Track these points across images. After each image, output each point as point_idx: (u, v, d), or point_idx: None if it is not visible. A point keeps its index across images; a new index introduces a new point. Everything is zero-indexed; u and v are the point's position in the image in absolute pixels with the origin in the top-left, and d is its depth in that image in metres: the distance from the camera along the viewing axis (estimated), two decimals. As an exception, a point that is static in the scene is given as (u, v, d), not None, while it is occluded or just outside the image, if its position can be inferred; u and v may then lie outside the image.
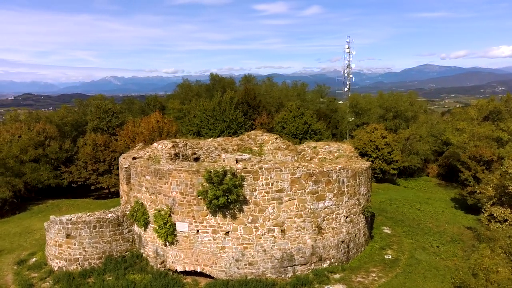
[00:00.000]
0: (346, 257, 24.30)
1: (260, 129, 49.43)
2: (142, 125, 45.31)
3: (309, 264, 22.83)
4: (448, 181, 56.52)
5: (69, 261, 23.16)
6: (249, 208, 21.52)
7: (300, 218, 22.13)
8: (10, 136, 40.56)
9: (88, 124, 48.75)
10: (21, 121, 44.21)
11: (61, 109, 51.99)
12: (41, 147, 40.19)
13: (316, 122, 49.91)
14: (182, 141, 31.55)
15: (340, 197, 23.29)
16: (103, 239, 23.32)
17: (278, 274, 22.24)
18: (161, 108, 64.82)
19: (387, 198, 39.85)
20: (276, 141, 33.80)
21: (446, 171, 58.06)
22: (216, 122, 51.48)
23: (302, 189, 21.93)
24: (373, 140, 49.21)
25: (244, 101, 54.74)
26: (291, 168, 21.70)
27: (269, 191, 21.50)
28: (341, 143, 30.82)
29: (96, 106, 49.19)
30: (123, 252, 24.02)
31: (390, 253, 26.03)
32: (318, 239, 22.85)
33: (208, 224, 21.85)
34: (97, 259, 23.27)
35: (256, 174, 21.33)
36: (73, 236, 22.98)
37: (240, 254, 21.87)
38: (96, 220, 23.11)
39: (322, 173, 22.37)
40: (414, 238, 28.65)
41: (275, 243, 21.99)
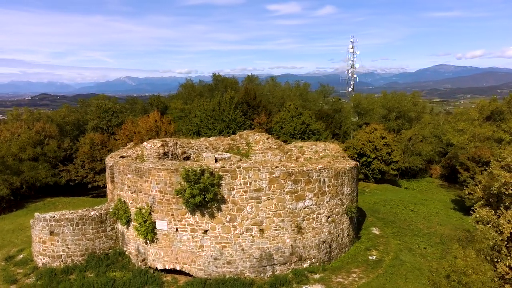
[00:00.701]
0: (328, 257, 24.19)
1: (258, 129, 49.53)
2: (140, 125, 45.72)
3: (288, 263, 22.78)
4: (450, 182, 55.79)
5: (53, 257, 23.53)
6: (227, 207, 21.58)
7: (279, 217, 22.11)
8: (10, 135, 41.35)
9: (89, 124, 49.41)
10: (22, 120, 45.00)
11: (63, 109, 52.82)
12: (39, 146, 40.86)
13: (315, 122, 49.68)
14: (172, 140, 31.75)
15: (321, 197, 23.19)
16: (85, 237, 23.63)
17: (257, 273, 22.25)
18: (164, 108, 65.31)
19: (382, 199, 39.50)
20: (268, 140, 33.83)
21: (449, 172, 57.28)
22: (215, 122, 51.67)
23: (281, 189, 21.90)
24: (372, 140, 48.80)
25: (243, 101, 54.80)
26: (270, 168, 21.69)
27: (247, 190, 21.53)
28: (329, 143, 30.69)
29: (97, 106, 49.84)
30: (106, 249, 24.31)
31: (374, 254, 25.82)
32: (298, 239, 22.79)
33: (187, 223, 21.97)
34: (79, 256, 23.59)
35: (234, 173, 21.38)
36: (56, 233, 23.34)
37: (218, 253, 21.94)
38: (79, 218, 23.42)
39: (302, 172, 22.31)
40: (402, 239, 28.37)
41: (253, 242, 22.00)
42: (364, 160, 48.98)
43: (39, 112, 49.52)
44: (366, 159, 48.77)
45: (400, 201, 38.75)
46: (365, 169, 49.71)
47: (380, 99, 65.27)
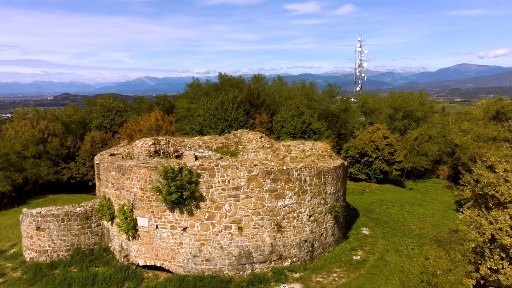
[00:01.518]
0: (310, 256, 24.11)
1: (260, 128, 49.68)
2: (142, 123, 46.34)
3: (268, 262, 22.80)
4: (457, 183, 54.70)
5: (39, 252, 24.11)
6: (205, 205, 21.73)
7: (258, 215, 22.15)
8: (14, 133, 42.46)
9: (93, 122, 50.31)
10: (27, 118, 46.13)
11: (68, 108, 53.90)
12: (42, 144, 41.82)
13: (316, 122, 49.44)
14: (164, 138, 32.10)
15: (302, 196, 23.12)
16: (71, 232, 24.13)
17: (235, 271, 22.34)
18: (171, 107, 65.94)
19: (380, 199, 39.09)
20: (261, 139, 33.84)
21: (456, 173, 56.19)
22: (217, 121, 51.95)
23: (260, 187, 21.94)
24: (374, 140, 48.29)
25: (246, 100, 54.94)
26: (248, 166, 21.74)
27: (225, 188, 21.64)
28: (319, 142, 30.55)
29: (101, 105, 50.69)
30: (91, 245, 24.77)
31: (360, 254, 25.60)
32: (278, 237, 22.78)
33: (166, 220, 22.22)
34: (65, 251, 24.11)
35: (212, 171, 21.52)
36: (43, 228, 23.91)
37: (197, 250, 22.12)
38: (64, 214, 23.94)
39: (281, 171, 22.29)
40: (391, 240, 28.02)
41: (232, 240, 22.10)
42: (365, 160, 48.55)
43: (46, 110, 50.59)
44: (368, 159, 48.30)
45: (397, 202, 38.27)
46: (367, 169, 49.25)
47: (386, 99, 64.48)
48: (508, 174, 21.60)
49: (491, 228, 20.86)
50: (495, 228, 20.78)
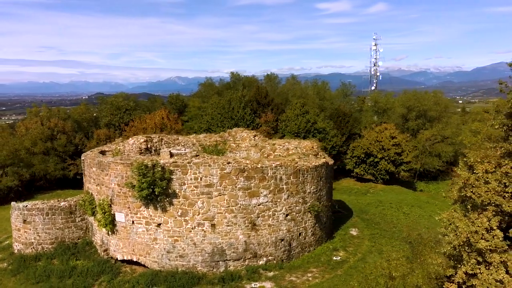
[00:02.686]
0: (287, 255, 23.96)
1: (265, 127, 49.67)
2: (147, 122, 47.21)
3: (242, 260, 22.81)
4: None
5: (25, 244, 25.03)
6: (178, 202, 21.97)
7: (231, 213, 22.19)
8: (25, 130, 44.15)
9: (102, 120, 51.66)
10: (39, 116, 47.85)
11: (81, 106, 55.56)
12: (50, 141, 43.29)
13: (321, 121, 48.90)
14: (157, 136, 32.64)
15: (278, 194, 23.00)
16: (55, 226, 24.93)
17: (209, 268, 22.48)
18: (183, 106, 66.82)
19: (379, 200, 38.34)
20: (254, 138, 33.85)
21: (470, 175, 54.29)
22: (224, 120, 52.30)
23: (233, 185, 21.98)
24: (380, 140, 47.33)
25: (254, 99, 55.00)
26: (221, 164, 21.83)
27: (198, 186, 21.81)
28: (305, 140, 30.23)
29: (110, 103, 51.99)
30: (75, 239, 25.51)
31: (341, 254, 25.22)
32: (252, 236, 22.75)
33: (141, 216, 22.60)
34: (49, 244, 24.92)
35: (185, 168, 21.73)
36: (29, 221, 24.81)
37: (171, 246, 22.40)
38: (49, 208, 24.75)
39: (255, 169, 22.26)
40: (378, 241, 27.44)
41: (205, 237, 22.24)
42: (371, 160, 47.65)
43: (59, 109, 52.32)
44: (373, 159, 47.39)
45: (397, 203, 37.41)
46: (373, 169, 48.34)
47: (400, 98, 63.03)
48: (488, 175, 20.78)
49: (466, 230, 20.13)
50: (471, 231, 20.04)
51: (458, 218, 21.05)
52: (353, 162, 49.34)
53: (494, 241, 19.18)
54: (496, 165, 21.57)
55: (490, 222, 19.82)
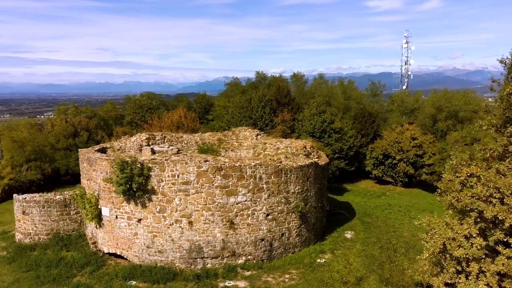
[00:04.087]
0: (268, 255, 23.72)
1: (282, 126, 49.41)
2: (165, 120, 48.39)
3: (220, 258, 22.85)
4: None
5: (24, 234, 26.48)
6: (157, 198, 22.38)
7: (208, 211, 22.30)
8: (51, 127, 46.66)
9: (125, 118, 53.52)
10: (67, 114, 50.39)
11: (107, 105, 57.86)
12: (72, 138, 45.47)
13: (339, 121, 47.85)
14: (160, 134, 33.42)
15: (258, 194, 22.82)
16: (51, 218, 26.16)
17: (187, 264, 22.71)
18: (209, 105, 67.78)
19: (389, 203, 37.00)
20: (257, 137, 33.78)
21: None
22: (243, 119, 52.56)
23: (210, 183, 22.07)
24: (400, 141, 45.58)
25: (273, 99, 54.79)
26: (197, 161, 21.99)
27: (175, 183, 22.10)
28: (298, 140, 29.73)
29: (133, 102, 53.75)
30: (69, 231, 26.63)
31: (326, 257, 24.61)
32: (230, 234, 22.73)
33: (124, 211, 23.23)
34: (45, 235, 26.20)
35: (162, 165, 22.09)
36: (27, 213, 26.21)
37: (150, 242, 22.86)
38: (45, 201, 26.02)
39: (233, 167, 22.22)
40: (371, 245, 26.50)
41: (182, 234, 22.50)
42: (389, 162, 46.02)
43: (87, 107, 54.79)
44: (392, 161, 45.73)
45: (407, 207, 35.89)
46: (391, 171, 46.65)
47: (430, 98, 60.29)
48: (473, 179, 19.58)
49: (444, 237, 19.08)
50: (448, 238, 18.97)
51: (437, 223, 20.11)
52: (372, 164, 47.87)
53: (471, 250, 18.16)
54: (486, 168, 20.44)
55: (470, 229, 18.80)
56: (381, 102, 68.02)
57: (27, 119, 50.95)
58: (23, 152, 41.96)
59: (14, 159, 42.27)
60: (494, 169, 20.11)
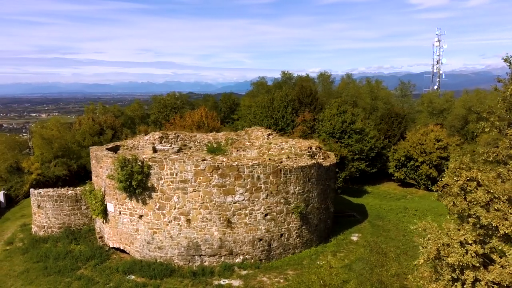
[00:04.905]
0: (266, 255, 23.71)
1: (302, 126, 49.13)
2: (187, 119, 49.27)
3: (218, 256, 23.08)
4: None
5: (39, 227, 27.84)
6: (157, 195, 22.91)
7: (206, 209, 22.59)
8: (79, 125, 48.65)
9: (150, 117, 54.93)
10: (95, 112, 52.34)
11: (134, 104, 59.58)
12: (97, 135, 47.19)
13: (360, 121, 46.92)
14: (173, 133, 34.10)
15: (255, 193, 22.88)
16: (63, 212, 27.37)
17: (185, 261, 23.11)
18: (235, 105, 68.32)
19: (406, 207, 35.92)
20: (268, 137, 33.77)
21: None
22: (264, 119, 52.68)
23: (207, 182, 22.34)
24: (423, 143, 44.12)
25: (296, 98, 54.48)
26: (195, 161, 22.32)
27: (173, 181, 22.53)
28: (304, 140, 29.44)
29: (158, 101, 55.06)
30: (80, 225, 27.74)
31: (328, 259, 24.20)
32: (228, 233, 22.92)
33: (126, 207, 23.94)
34: (57, 228, 27.43)
35: (161, 163, 22.59)
36: (42, 207, 27.54)
37: (150, 238, 23.43)
38: (57, 196, 27.25)
39: (230, 167, 22.39)
40: (375, 249, 25.86)
41: (181, 231, 22.91)
42: (411, 164, 44.64)
43: (115, 106, 56.67)
44: (414, 163, 44.33)
45: (424, 211, 34.75)
46: (414, 174, 45.22)
47: (461, 98, 57.92)
48: (472, 183, 18.84)
49: (438, 243, 18.45)
50: (443, 243, 18.34)
51: (432, 228, 19.45)
52: (394, 166, 46.60)
53: (465, 257, 17.55)
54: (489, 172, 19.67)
55: (466, 236, 18.18)
56: (411, 102, 66.07)
57: (57, 117, 53.39)
58: (51, 149, 43.96)
59: (43, 156, 44.36)
60: (494, 173, 19.37)
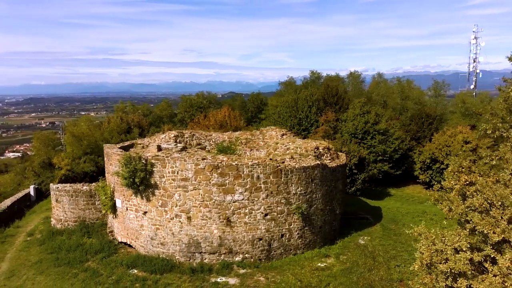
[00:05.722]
0: (266, 255, 23.76)
1: (325, 126, 48.66)
2: (211, 119, 50.04)
3: (218, 254, 23.38)
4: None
5: (57, 220, 29.30)
6: (159, 193, 23.54)
7: (206, 208, 22.95)
8: (107, 124, 50.59)
9: (177, 116, 56.19)
10: (126, 112, 54.24)
11: (162, 103, 61.13)
12: (124, 134, 48.87)
13: (385, 122, 45.82)
14: (189, 132, 34.86)
15: (255, 193, 22.98)
16: (78, 207, 28.65)
17: (186, 258, 23.59)
18: (263, 104, 68.53)
19: (424, 211, 34.77)
20: (282, 137, 33.74)
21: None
22: (288, 119, 52.63)
23: (207, 180, 22.69)
24: (449, 144, 42.44)
25: (321, 98, 53.99)
26: (195, 159, 22.73)
27: (175, 179, 23.06)
28: (312, 140, 29.10)
29: (185, 101, 56.23)
30: (94, 219, 28.92)
31: (329, 261, 24.01)
32: (227, 231, 23.17)
33: (132, 203, 24.75)
34: (73, 222, 28.75)
35: (163, 161, 23.18)
36: (59, 201, 28.97)
37: (154, 234, 24.11)
38: (73, 191, 28.56)
39: (229, 166, 22.62)
40: (381, 254, 25.26)
41: (182, 228, 23.41)
42: (437, 166, 43.06)
43: (144, 105, 58.43)
44: (439, 166, 42.72)
45: (443, 216, 33.34)
46: (439, 176, 43.50)
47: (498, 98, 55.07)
48: (471, 188, 18.14)
49: (432, 249, 17.89)
50: (436, 250, 17.76)
51: (425, 233, 18.94)
52: (419, 168, 45.14)
53: (457, 265, 17.07)
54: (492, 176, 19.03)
55: (460, 242, 17.69)
56: (444, 103, 63.63)
57: (87, 116, 55.79)
58: (80, 146, 46.05)
59: (74, 152, 46.53)
60: (493, 178, 18.67)
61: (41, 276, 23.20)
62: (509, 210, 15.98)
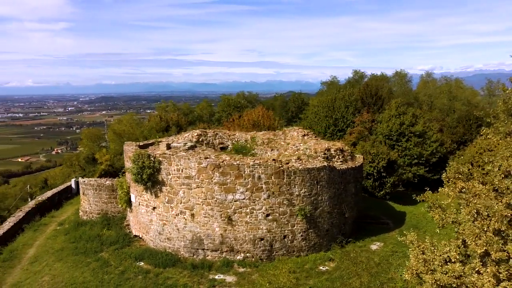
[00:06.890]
0: (267, 255, 23.80)
1: (360, 127, 47.51)
2: (244, 119, 50.60)
3: (219, 251, 23.80)
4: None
5: (84, 212, 31.27)
6: (166, 189, 24.39)
7: (208, 206, 23.45)
8: (148, 122, 52.92)
9: (215, 116, 57.41)
10: (167, 111, 56.42)
11: (202, 103, 62.69)
12: (162, 132, 50.85)
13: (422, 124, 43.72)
14: (212, 131, 35.58)
15: (256, 193, 23.11)
16: (101, 200, 30.37)
17: (190, 253, 24.26)
18: (304, 104, 68.02)
19: (453, 218, 32.74)
20: (303, 138, 33.46)
21: None
22: (324, 119, 51.95)
23: (209, 179, 23.18)
24: (491, 148, 39.56)
25: (359, 98, 52.64)
26: (198, 158, 23.30)
27: (180, 176, 23.79)
28: (324, 141, 28.49)
29: (224, 100, 57.31)
30: (115, 213, 30.49)
31: (331, 265, 23.55)
32: (229, 230, 23.51)
33: (143, 198, 25.85)
34: (97, 214, 30.52)
35: (169, 159, 23.99)
36: (86, 194, 30.89)
37: (161, 229, 25.03)
38: (97, 185, 30.32)
39: (231, 166, 22.94)
40: (390, 260, 24.33)
41: (186, 224, 24.10)
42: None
43: (185, 104, 60.36)
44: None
45: (474, 224, 31.35)
46: (479, 182, 40.76)
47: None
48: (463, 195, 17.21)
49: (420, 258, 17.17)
50: (424, 259, 17.03)
51: (413, 242, 18.31)
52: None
53: (441, 276, 16.48)
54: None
55: (450, 253, 17.05)
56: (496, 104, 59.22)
57: (131, 114, 58.71)
58: (121, 142, 48.58)
59: (115, 148, 49.26)
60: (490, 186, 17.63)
61: (58, 263, 24.95)
62: (493, 221, 15.01)
